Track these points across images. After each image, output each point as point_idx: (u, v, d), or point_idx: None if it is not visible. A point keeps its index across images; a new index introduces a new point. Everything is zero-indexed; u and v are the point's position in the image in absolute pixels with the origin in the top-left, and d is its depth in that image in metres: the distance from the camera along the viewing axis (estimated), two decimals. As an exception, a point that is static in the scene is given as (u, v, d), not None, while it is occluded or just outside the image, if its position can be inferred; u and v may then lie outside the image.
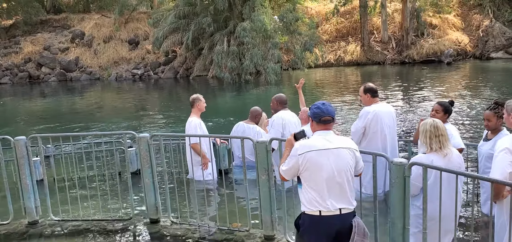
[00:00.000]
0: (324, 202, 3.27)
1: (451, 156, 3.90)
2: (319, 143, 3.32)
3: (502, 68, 24.08)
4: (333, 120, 3.42)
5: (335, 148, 3.30)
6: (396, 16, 30.87)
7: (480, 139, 5.72)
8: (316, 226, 3.31)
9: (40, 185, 5.80)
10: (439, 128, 3.92)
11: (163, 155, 5.24)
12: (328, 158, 3.27)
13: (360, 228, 3.25)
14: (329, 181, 3.27)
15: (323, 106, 3.40)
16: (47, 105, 20.92)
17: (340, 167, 3.29)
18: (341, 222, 3.27)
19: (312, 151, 3.28)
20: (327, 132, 3.39)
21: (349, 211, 3.32)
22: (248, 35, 22.19)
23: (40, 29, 34.32)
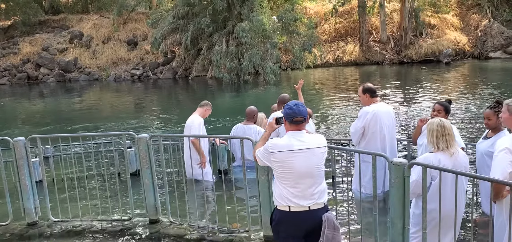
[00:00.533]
0: (293, 199, 3.40)
1: (458, 155, 3.90)
2: (290, 142, 3.41)
3: (501, 67, 24.12)
4: (305, 120, 3.50)
5: (305, 148, 3.40)
6: (395, 16, 30.89)
7: (479, 138, 5.73)
8: (286, 221, 3.45)
9: (39, 185, 5.79)
10: (446, 127, 3.92)
11: (162, 155, 5.23)
12: (298, 157, 3.37)
13: (330, 222, 3.37)
14: (298, 179, 3.39)
15: (295, 107, 3.48)
16: (46, 106, 20.90)
17: (310, 166, 3.40)
18: (311, 218, 3.40)
19: (282, 151, 3.39)
20: (300, 132, 3.46)
21: (319, 207, 3.44)
22: (247, 36, 22.20)
23: (38, 30, 34.28)
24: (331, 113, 14.25)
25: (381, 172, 5.60)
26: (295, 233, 3.44)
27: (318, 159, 3.44)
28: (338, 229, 3.41)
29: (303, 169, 3.38)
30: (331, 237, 3.36)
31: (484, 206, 5.12)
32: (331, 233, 3.35)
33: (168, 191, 5.36)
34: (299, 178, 3.39)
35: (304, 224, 3.41)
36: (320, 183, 3.47)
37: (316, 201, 3.43)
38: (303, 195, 3.40)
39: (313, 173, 3.41)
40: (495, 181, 3.31)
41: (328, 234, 3.34)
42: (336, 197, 6.36)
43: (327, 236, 3.35)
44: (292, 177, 3.39)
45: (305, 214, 3.41)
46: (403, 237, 3.56)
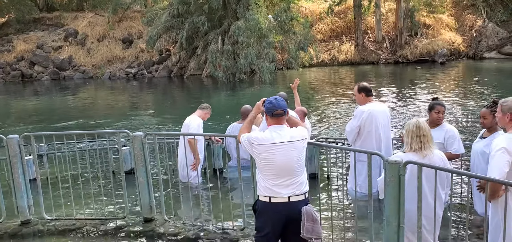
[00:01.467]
0: (274, 190, 3.55)
1: (432, 157, 3.87)
2: (271, 136, 3.55)
3: (495, 68, 24.24)
4: (285, 113, 3.64)
5: (286, 141, 3.53)
6: (390, 16, 30.96)
7: (474, 138, 5.74)
8: (266, 211, 3.60)
9: (33, 184, 5.75)
10: (422, 128, 3.93)
11: (157, 154, 5.21)
12: (279, 150, 3.52)
13: (308, 214, 3.50)
14: (278, 171, 3.53)
15: (275, 101, 3.62)
16: (40, 104, 20.79)
17: (290, 158, 3.53)
18: (290, 209, 3.53)
19: (263, 145, 3.54)
20: (280, 126, 3.61)
21: (299, 199, 3.56)
22: (243, 34, 22.17)
23: (33, 28, 34.09)
24: (327, 113, 14.27)
25: (376, 171, 5.60)
26: (275, 223, 3.58)
27: (298, 152, 3.57)
28: (317, 221, 3.53)
29: (283, 161, 3.51)
30: (311, 229, 3.48)
31: (477, 206, 5.12)
32: (311, 225, 3.48)
33: (162, 189, 5.34)
34: (279, 170, 3.52)
35: (284, 215, 3.54)
36: (300, 175, 3.59)
37: (295, 193, 3.55)
38: (283, 187, 3.53)
39: (293, 165, 3.54)
40: (491, 179, 3.33)
41: (308, 226, 3.47)
42: (331, 196, 6.36)
43: (307, 228, 3.47)
44: (272, 169, 3.53)
45: (284, 205, 3.53)
46: (398, 236, 3.56)
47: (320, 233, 3.56)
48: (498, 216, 3.69)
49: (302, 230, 3.48)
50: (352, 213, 5.73)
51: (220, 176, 7.26)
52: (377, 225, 4.43)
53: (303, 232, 3.47)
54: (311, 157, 6.85)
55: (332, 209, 5.27)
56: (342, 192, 6.21)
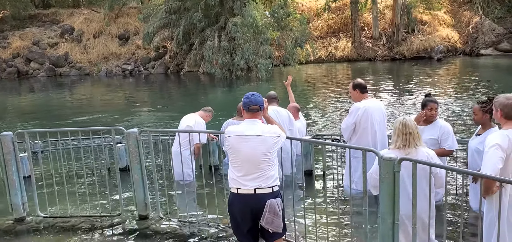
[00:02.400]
0: (241, 181, 3.68)
1: (416, 156, 3.84)
2: (243, 129, 3.72)
3: (492, 64, 24.28)
4: (261, 109, 3.78)
5: (256, 135, 3.66)
6: (387, 13, 30.95)
7: (470, 135, 5.74)
8: (235, 202, 3.75)
9: (27, 181, 5.72)
10: (408, 125, 3.96)
11: (152, 151, 5.19)
12: (247, 143, 3.65)
13: (271, 207, 3.59)
14: (246, 163, 3.66)
15: (252, 96, 3.78)
16: (36, 101, 20.72)
17: (258, 152, 3.64)
18: (255, 201, 3.65)
19: (234, 136, 3.71)
20: (254, 121, 3.75)
21: (265, 192, 3.66)
22: (239, 31, 22.12)
23: (28, 24, 33.94)
24: (323, 109, 14.26)
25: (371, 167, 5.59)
26: (243, 214, 3.71)
27: (266, 147, 3.67)
28: (279, 215, 3.61)
29: (250, 154, 3.64)
30: (270, 221, 3.58)
31: (473, 203, 5.13)
32: (271, 217, 3.58)
33: (158, 186, 5.31)
34: (246, 162, 3.65)
35: (250, 206, 3.67)
36: (266, 169, 3.67)
37: (261, 185, 3.65)
38: (250, 179, 3.66)
39: (260, 159, 3.65)
40: (485, 176, 3.32)
41: (268, 217, 3.58)
42: (326, 193, 6.36)
43: (266, 219, 3.58)
44: (240, 160, 3.68)
45: (250, 197, 3.66)
46: (393, 232, 3.54)
47: (280, 227, 3.64)
48: (492, 212, 3.70)
49: (262, 220, 3.60)
50: (347, 209, 5.72)
51: (216, 172, 7.25)
52: (373, 221, 4.42)
53: (262, 221, 3.60)
54: (306, 154, 6.85)
55: (327, 205, 5.26)
56: (337, 188, 6.22)
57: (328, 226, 4.47)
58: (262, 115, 3.86)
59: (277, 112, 6.53)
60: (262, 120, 3.89)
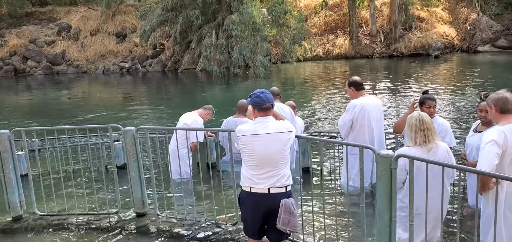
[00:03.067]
0: (255, 180, 3.62)
1: (437, 151, 3.89)
2: (255, 127, 3.63)
3: (489, 61, 24.32)
4: (272, 106, 3.71)
5: (270, 132, 3.59)
6: (384, 10, 30.96)
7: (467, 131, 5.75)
8: (247, 201, 3.70)
9: (24, 179, 5.71)
10: (425, 121, 3.93)
11: (149, 148, 5.18)
12: (261, 141, 3.58)
13: (286, 206, 3.54)
14: (260, 162, 3.59)
15: (262, 95, 3.68)
16: (33, 99, 20.67)
17: (272, 150, 3.58)
18: (269, 200, 3.60)
19: (247, 135, 3.63)
20: (267, 118, 3.66)
21: (279, 192, 3.60)
22: (237, 28, 22.08)
23: (25, 22, 33.82)
24: (321, 106, 14.27)
25: (369, 164, 5.61)
26: (255, 213, 3.67)
27: (281, 144, 3.61)
28: (295, 214, 3.57)
29: (265, 152, 3.57)
30: (287, 221, 3.53)
31: (471, 200, 5.14)
32: (287, 217, 3.53)
33: (155, 184, 5.31)
34: (260, 161, 3.58)
35: (263, 205, 3.62)
36: (281, 167, 3.62)
37: (276, 185, 3.60)
38: (264, 178, 3.59)
39: (275, 157, 3.59)
40: (482, 172, 3.33)
41: (284, 218, 3.52)
42: (323, 190, 6.36)
43: (283, 220, 3.52)
44: (254, 159, 3.60)
45: (264, 196, 3.60)
46: (390, 229, 3.55)
47: (297, 226, 3.63)
48: (489, 208, 3.71)
49: (278, 221, 3.54)
50: (345, 206, 5.73)
51: (213, 170, 7.25)
52: (370, 218, 4.43)
53: (278, 223, 3.54)
54: (304, 151, 6.86)
55: (324, 202, 5.27)
56: (334, 185, 6.23)
57: (325, 222, 4.48)
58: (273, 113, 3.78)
59: (280, 108, 6.54)
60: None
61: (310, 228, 4.73)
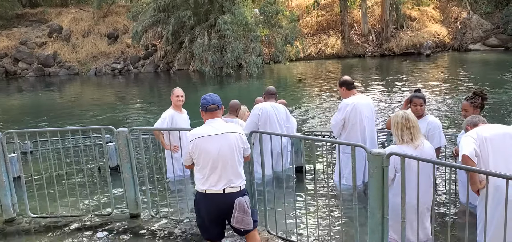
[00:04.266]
0: (209, 182, 3.69)
1: (423, 148, 3.99)
2: (206, 130, 3.74)
3: (480, 59, 24.51)
4: (219, 108, 3.82)
5: (220, 133, 3.71)
6: (376, 9, 31.11)
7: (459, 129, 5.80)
8: (202, 202, 3.76)
9: (17, 181, 5.68)
10: (411, 119, 4.01)
11: (142, 149, 5.18)
12: (212, 143, 3.67)
13: (240, 205, 3.64)
14: (213, 163, 3.66)
15: (208, 97, 3.84)
16: (25, 101, 20.53)
17: (223, 151, 3.68)
18: (224, 200, 3.68)
19: (199, 138, 3.71)
20: (214, 120, 3.79)
21: (233, 191, 3.70)
22: (229, 28, 22.09)
23: (16, 24, 33.59)
24: (313, 106, 14.31)
25: (361, 163, 5.65)
26: (211, 214, 3.73)
27: (232, 144, 3.71)
28: (248, 213, 3.68)
29: (217, 153, 3.66)
30: (241, 220, 3.63)
31: (462, 197, 5.19)
32: (241, 216, 3.63)
33: (148, 185, 5.31)
34: (213, 162, 3.66)
35: (219, 206, 3.70)
36: (234, 167, 3.72)
37: (230, 185, 3.69)
38: (218, 179, 3.67)
39: (228, 157, 3.68)
40: (471, 169, 3.38)
41: (238, 216, 3.63)
42: (316, 188, 6.39)
43: (237, 218, 3.63)
44: (207, 161, 3.67)
45: (219, 197, 3.68)
46: (382, 227, 3.58)
47: (250, 224, 3.71)
48: (482, 204, 3.75)
49: (232, 220, 3.64)
50: (337, 205, 5.76)
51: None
52: (362, 217, 4.46)
53: (232, 222, 3.64)
54: (297, 150, 6.88)
55: (317, 201, 5.30)
56: (327, 184, 6.26)
57: (318, 221, 4.51)
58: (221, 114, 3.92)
59: (275, 108, 6.56)
60: (222, 119, 3.95)
61: (304, 225, 4.76)
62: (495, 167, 3.56)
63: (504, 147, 3.65)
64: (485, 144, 3.65)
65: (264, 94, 6.84)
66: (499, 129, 3.84)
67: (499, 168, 3.47)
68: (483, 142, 3.66)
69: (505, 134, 3.72)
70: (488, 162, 3.63)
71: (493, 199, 3.54)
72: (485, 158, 3.64)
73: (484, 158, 3.64)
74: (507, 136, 3.70)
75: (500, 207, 3.52)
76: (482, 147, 3.65)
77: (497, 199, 3.56)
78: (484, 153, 3.65)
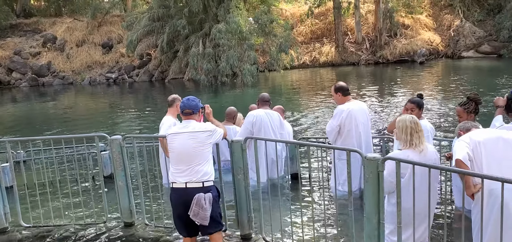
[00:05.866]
0: (175, 176, 4.00)
1: (427, 152, 3.97)
2: (177, 128, 4.13)
3: (473, 66, 24.67)
4: (194, 112, 4.11)
5: (187, 131, 3.99)
6: (370, 17, 31.27)
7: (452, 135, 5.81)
8: (171, 196, 4.07)
9: (10, 191, 5.62)
10: (418, 123, 4.01)
11: (136, 157, 5.15)
12: (178, 139, 4.00)
13: (198, 200, 3.86)
14: (178, 158, 3.99)
15: (186, 101, 4.13)
16: (18, 111, 20.41)
17: (188, 147, 3.96)
18: (186, 194, 3.92)
19: (169, 134, 4.10)
20: (188, 121, 4.09)
21: (195, 186, 3.93)
22: (224, 37, 22.12)
23: (10, 34, 33.44)
24: (308, 113, 14.32)
25: (357, 168, 5.64)
26: (177, 207, 4.02)
27: (197, 142, 3.96)
28: (205, 209, 3.86)
29: (181, 149, 3.97)
30: (196, 213, 3.84)
31: (457, 202, 5.19)
32: (197, 209, 3.84)
33: (142, 193, 5.27)
34: (178, 157, 3.98)
35: (181, 199, 3.95)
36: (198, 164, 3.95)
37: (192, 179, 3.93)
38: (181, 173, 3.96)
39: (191, 153, 3.94)
40: (467, 173, 3.38)
41: (195, 209, 3.84)
42: (312, 194, 6.37)
43: (193, 211, 3.84)
44: (173, 155, 4.02)
45: (182, 191, 3.95)
46: (378, 232, 3.57)
47: (205, 220, 3.88)
48: (477, 208, 3.74)
49: (190, 211, 3.85)
50: (333, 211, 5.74)
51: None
52: (359, 223, 4.44)
53: (190, 213, 3.85)
54: (292, 157, 6.87)
55: (313, 207, 5.27)
56: (323, 190, 6.24)
57: (314, 228, 4.48)
58: (199, 117, 4.19)
59: (269, 115, 6.54)
60: (200, 121, 4.21)
61: (299, 232, 4.73)
62: (488, 170, 3.56)
63: (497, 151, 3.66)
64: (479, 148, 3.66)
65: (258, 101, 6.83)
66: (492, 133, 3.86)
67: (492, 172, 3.47)
68: (476, 146, 3.67)
69: (498, 138, 3.73)
70: (481, 166, 3.63)
71: (488, 202, 3.54)
72: (479, 162, 3.65)
73: (477, 162, 3.65)
74: (500, 139, 3.72)
75: (495, 210, 3.52)
76: (475, 151, 3.66)
77: (491, 202, 3.57)
78: (478, 157, 3.65)
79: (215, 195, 4.04)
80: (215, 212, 4.02)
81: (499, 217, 3.07)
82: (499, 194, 3.01)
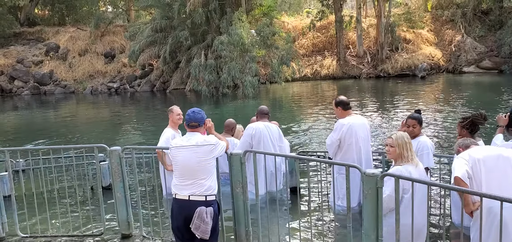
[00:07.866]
0: (178, 188, 4.01)
1: (419, 166, 4.08)
2: (181, 141, 4.09)
3: (474, 82, 24.68)
4: (200, 125, 4.10)
5: (191, 145, 3.98)
6: (371, 31, 31.37)
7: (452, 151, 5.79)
8: (173, 206, 4.09)
9: (8, 200, 5.61)
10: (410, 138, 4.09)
11: (135, 168, 5.14)
12: (183, 152, 3.99)
13: (200, 213, 3.87)
14: (182, 171, 3.99)
15: (192, 114, 4.12)
16: (19, 119, 20.43)
17: (191, 160, 3.95)
18: (189, 207, 3.93)
19: (173, 148, 4.07)
20: (194, 134, 4.07)
21: (198, 199, 3.93)
22: (226, 49, 22.19)
23: (13, 42, 33.61)
24: (309, 126, 14.30)
25: (357, 183, 5.61)
26: (178, 217, 4.01)
27: (200, 156, 3.95)
28: (206, 222, 3.88)
29: (185, 162, 3.96)
30: (198, 227, 3.86)
31: (454, 218, 5.16)
32: (199, 223, 3.86)
33: (141, 205, 5.25)
34: (182, 170, 3.98)
35: (183, 211, 3.96)
36: (202, 177, 3.96)
37: (195, 193, 3.93)
38: (185, 185, 3.96)
39: (194, 167, 3.95)
40: (466, 191, 3.36)
41: (196, 223, 3.85)
42: (310, 210, 6.34)
43: (195, 224, 3.86)
44: (178, 168, 4.02)
45: (184, 202, 3.96)
46: (376, 249, 3.54)
47: (206, 233, 3.89)
48: (476, 225, 3.72)
49: (191, 224, 3.87)
50: (332, 226, 5.71)
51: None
52: (358, 239, 4.42)
53: (191, 226, 3.87)
54: (291, 171, 6.84)
55: (311, 221, 5.25)
56: (321, 205, 6.21)
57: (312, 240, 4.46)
58: (203, 130, 4.20)
59: (269, 128, 6.53)
60: (205, 133, 4.20)
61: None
62: (488, 188, 3.54)
63: (497, 168, 3.65)
64: (478, 165, 3.65)
65: (257, 114, 6.80)
66: (492, 150, 3.85)
67: (492, 190, 3.45)
68: (475, 163, 3.66)
69: (498, 156, 3.72)
70: (481, 183, 3.61)
71: (487, 220, 3.51)
72: (478, 180, 3.63)
73: (477, 179, 3.63)
74: (500, 157, 3.70)
75: (494, 228, 3.50)
76: (474, 168, 3.64)
77: (490, 220, 3.54)
78: (477, 175, 3.64)
79: (216, 210, 4.06)
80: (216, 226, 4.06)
81: (498, 235, 3.05)
82: (498, 212, 3.00)
